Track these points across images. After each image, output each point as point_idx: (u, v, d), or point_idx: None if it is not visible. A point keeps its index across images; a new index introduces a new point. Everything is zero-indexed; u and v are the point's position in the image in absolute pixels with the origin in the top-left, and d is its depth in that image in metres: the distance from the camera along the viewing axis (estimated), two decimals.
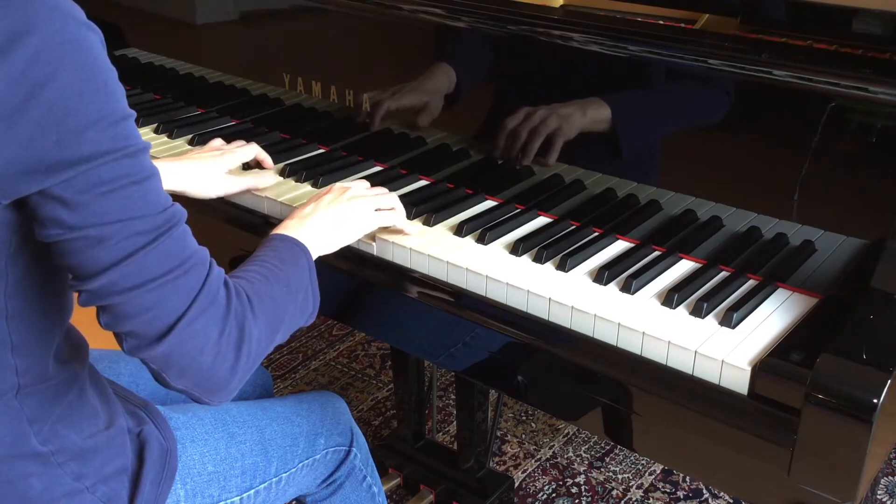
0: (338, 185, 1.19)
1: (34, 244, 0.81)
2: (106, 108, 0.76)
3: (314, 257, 1.05)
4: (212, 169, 1.31)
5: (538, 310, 1.08)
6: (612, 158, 1.21)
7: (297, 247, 1.02)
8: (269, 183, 1.35)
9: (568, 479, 1.99)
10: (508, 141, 1.26)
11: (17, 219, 0.79)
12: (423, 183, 1.39)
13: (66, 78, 0.73)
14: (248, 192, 1.35)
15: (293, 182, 1.38)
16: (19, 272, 0.83)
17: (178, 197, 1.27)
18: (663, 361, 0.99)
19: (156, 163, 1.26)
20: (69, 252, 0.78)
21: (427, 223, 1.25)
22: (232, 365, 0.85)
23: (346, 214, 1.14)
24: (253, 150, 1.39)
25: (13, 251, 0.82)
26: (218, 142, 1.40)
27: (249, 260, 0.98)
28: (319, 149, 1.50)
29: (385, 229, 1.20)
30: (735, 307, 1.02)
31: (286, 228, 1.07)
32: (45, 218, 0.77)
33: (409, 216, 1.26)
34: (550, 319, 1.07)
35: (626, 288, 1.08)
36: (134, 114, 0.80)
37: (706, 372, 0.96)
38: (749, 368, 0.94)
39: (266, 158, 1.41)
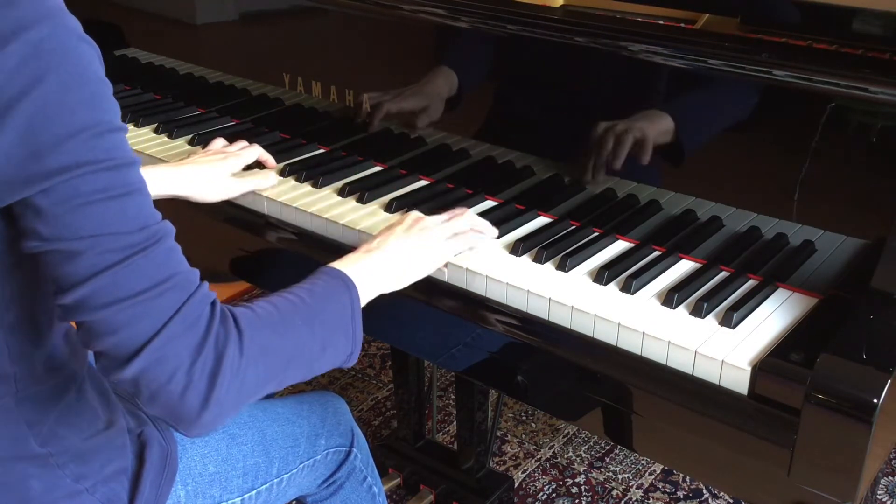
0: (412, 213, 1.12)
1: (31, 257, 0.80)
2: (90, 120, 0.74)
3: (371, 295, 1.00)
4: (215, 173, 1.30)
5: (538, 310, 1.08)
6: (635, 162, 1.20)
7: (340, 282, 0.95)
8: (272, 182, 1.35)
9: (568, 479, 1.99)
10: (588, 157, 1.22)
11: (10, 232, 0.78)
12: (423, 183, 1.39)
13: (51, 86, 0.71)
14: (250, 192, 1.35)
15: (293, 182, 1.38)
16: (17, 285, 0.83)
17: (181, 202, 1.27)
18: (663, 361, 0.99)
19: (158, 168, 1.26)
20: (46, 264, 0.77)
21: None
22: (205, 396, 0.79)
23: (416, 251, 1.07)
24: (255, 153, 1.38)
25: (11, 263, 0.81)
26: (220, 142, 1.40)
27: (282, 290, 0.92)
28: (319, 149, 1.50)
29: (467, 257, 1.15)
30: (735, 307, 1.02)
31: (343, 261, 1.01)
32: (24, 228, 0.76)
33: None
34: (550, 319, 1.07)
35: (626, 288, 1.08)
36: (125, 128, 0.78)
37: (706, 372, 0.96)
38: (749, 368, 0.94)
39: (269, 159, 1.41)
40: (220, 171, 1.31)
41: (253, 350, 0.82)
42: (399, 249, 1.06)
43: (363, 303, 0.97)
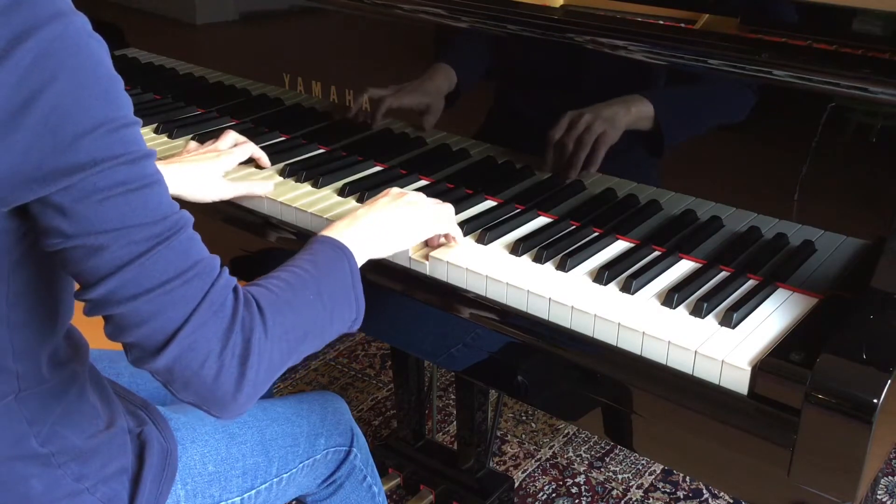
0: (394, 189, 1.15)
1: (38, 254, 0.80)
2: (105, 116, 0.74)
3: (363, 260, 1.02)
4: (209, 172, 1.29)
5: (538, 310, 1.08)
6: (635, 163, 1.20)
7: (338, 251, 0.98)
8: (267, 189, 1.34)
9: (568, 479, 1.99)
10: (555, 152, 1.24)
11: (19, 227, 0.79)
12: (423, 183, 1.39)
13: (64, 84, 0.72)
14: (246, 197, 1.34)
15: (293, 182, 1.38)
16: (22, 281, 0.83)
17: (199, 211, 1.26)
18: (663, 361, 0.99)
19: None
20: (70, 261, 0.77)
21: None
22: (237, 380, 0.82)
23: (403, 218, 1.10)
24: (249, 150, 1.38)
25: (16, 260, 0.81)
26: (210, 141, 1.39)
27: (284, 264, 0.94)
28: (319, 149, 1.50)
29: (434, 246, 1.17)
30: (735, 307, 1.02)
31: (333, 229, 1.03)
32: (45, 227, 0.76)
33: None
34: (550, 319, 1.07)
35: (626, 288, 1.08)
36: (139, 121, 0.78)
37: (706, 372, 0.96)
38: (749, 368, 0.94)
39: (262, 157, 1.40)
40: (213, 171, 1.30)
41: (276, 330, 0.85)
42: (385, 217, 1.08)
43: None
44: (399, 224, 1.09)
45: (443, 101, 1.34)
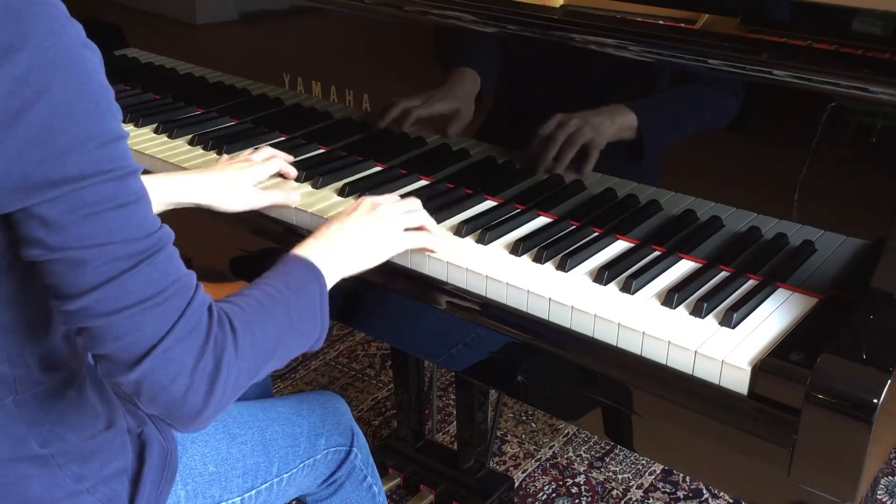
0: (367, 200, 1.15)
1: (28, 262, 0.80)
2: (95, 129, 0.74)
3: (335, 280, 1.03)
4: (238, 182, 1.28)
5: (538, 310, 1.08)
6: (635, 163, 1.20)
7: (309, 271, 0.99)
8: (295, 199, 1.32)
9: (568, 479, 1.99)
10: (541, 150, 1.24)
11: (7, 234, 0.78)
12: (423, 183, 1.39)
13: (56, 96, 0.71)
14: (274, 206, 1.32)
15: (293, 182, 1.38)
16: (14, 286, 0.82)
17: (200, 211, 1.26)
18: (663, 361, 0.99)
19: (181, 175, 1.25)
20: (49, 272, 0.77)
21: None
22: (205, 397, 0.82)
23: (373, 237, 1.10)
24: (279, 164, 1.36)
25: (7, 265, 0.81)
26: (247, 152, 1.38)
27: (257, 281, 0.95)
28: (319, 149, 1.50)
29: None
30: (735, 307, 1.02)
31: (306, 248, 1.03)
32: (26, 237, 0.76)
33: None
34: (550, 319, 1.07)
35: (626, 288, 1.08)
36: (127, 135, 0.78)
37: (706, 372, 0.96)
38: (749, 368, 0.94)
39: (290, 171, 1.38)
40: (244, 180, 1.29)
41: (247, 349, 0.85)
42: (355, 238, 1.09)
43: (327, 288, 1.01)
44: (369, 244, 1.10)
45: (450, 102, 1.34)
